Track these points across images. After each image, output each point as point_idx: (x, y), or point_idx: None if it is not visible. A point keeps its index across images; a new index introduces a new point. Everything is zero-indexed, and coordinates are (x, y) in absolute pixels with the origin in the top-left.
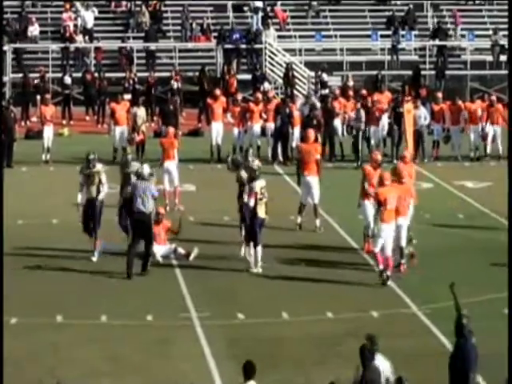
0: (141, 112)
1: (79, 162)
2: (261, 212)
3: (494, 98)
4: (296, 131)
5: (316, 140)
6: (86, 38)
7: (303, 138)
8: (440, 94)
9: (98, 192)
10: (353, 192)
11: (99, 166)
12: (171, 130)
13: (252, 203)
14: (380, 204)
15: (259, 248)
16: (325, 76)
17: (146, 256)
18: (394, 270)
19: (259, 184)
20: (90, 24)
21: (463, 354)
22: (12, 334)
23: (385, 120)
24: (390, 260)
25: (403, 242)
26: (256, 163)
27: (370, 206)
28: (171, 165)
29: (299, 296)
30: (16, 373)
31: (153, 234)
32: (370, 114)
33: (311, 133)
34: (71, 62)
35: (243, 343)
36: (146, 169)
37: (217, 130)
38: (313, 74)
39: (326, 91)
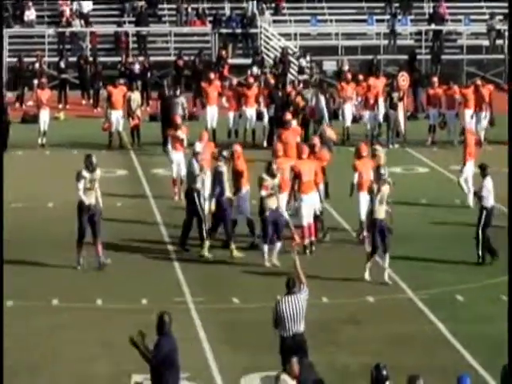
0: (135, 96)
1: (75, 146)
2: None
3: (478, 82)
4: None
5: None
6: (82, 22)
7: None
8: (436, 79)
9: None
10: (346, 175)
11: (99, 171)
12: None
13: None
14: (296, 176)
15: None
16: (303, 61)
17: (198, 227)
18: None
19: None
20: (86, 9)
21: (157, 348)
22: (8, 317)
23: (381, 105)
24: (312, 227)
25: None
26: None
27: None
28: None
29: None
30: (12, 355)
31: (199, 208)
32: (366, 99)
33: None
34: (68, 47)
35: (238, 328)
36: (197, 146)
37: (212, 113)
38: (308, 58)
39: (305, 77)
